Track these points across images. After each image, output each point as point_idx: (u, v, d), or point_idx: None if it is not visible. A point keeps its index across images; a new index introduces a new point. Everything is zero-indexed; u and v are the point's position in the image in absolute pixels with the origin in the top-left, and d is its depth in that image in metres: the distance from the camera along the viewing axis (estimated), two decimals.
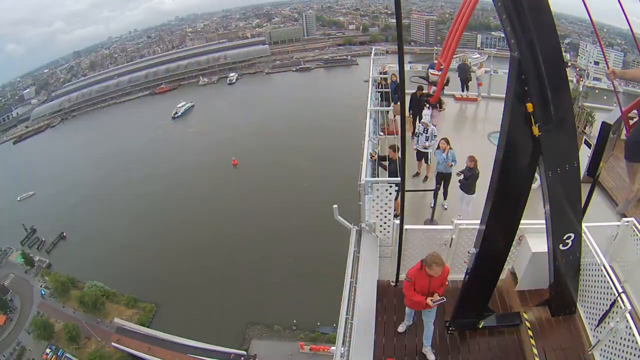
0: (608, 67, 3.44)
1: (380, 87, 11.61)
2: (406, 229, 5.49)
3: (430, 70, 12.54)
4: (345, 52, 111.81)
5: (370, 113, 9.40)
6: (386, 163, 7.70)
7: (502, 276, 5.61)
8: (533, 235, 5.27)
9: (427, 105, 10.98)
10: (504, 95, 3.90)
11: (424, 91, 11.43)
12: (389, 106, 10.85)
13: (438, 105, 11.27)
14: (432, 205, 8.35)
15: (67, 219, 54.70)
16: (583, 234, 4.77)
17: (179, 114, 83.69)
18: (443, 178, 8.30)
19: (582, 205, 4.51)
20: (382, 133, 10.30)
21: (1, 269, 50.01)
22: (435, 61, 13.91)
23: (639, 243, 5.44)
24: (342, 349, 4.31)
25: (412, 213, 8.23)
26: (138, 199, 56.54)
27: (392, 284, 6.11)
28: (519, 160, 4.06)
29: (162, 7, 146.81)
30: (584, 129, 11.04)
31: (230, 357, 36.66)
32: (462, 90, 14.14)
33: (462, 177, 7.74)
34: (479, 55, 16.25)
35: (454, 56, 12.47)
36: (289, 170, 58.22)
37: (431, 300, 4.56)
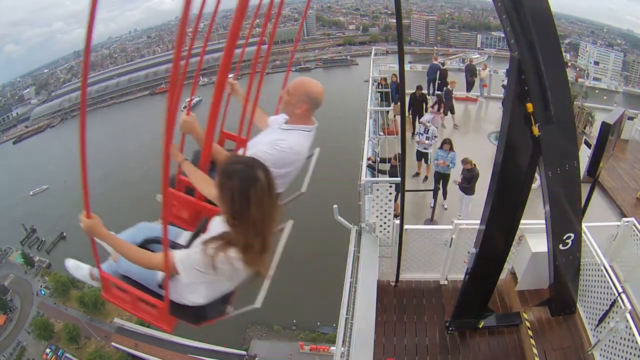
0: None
1: (380, 87, 11.60)
2: (406, 229, 5.48)
3: None
4: (345, 52, 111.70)
5: (370, 113, 9.41)
6: (387, 167, 7.70)
7: (502, 276, 5.61)
8: (533, 235, 5.26)
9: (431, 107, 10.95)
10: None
11: (422, 91, 11.42)
12: (389, 106, 10.85)
13: (441, 108, 11.18)
14: (432, 205, 8.35)
15: (67, 219, 54.62)
16: (583, 234, 4.77)
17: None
18: (442, 178, 8.30)
19: (582, 205, 4.51)
20: (382, 133, 10.31)
21: (1, 269, 49.83)
22: (435, 61, 13.93)
23: (639, 243, 5.45)
24: (342, 349, 4.30)
25: (412, 213, 8.24)
26: (139, 199, 56.45)
27: (392, 284, 6.10)
28: (519, 160, 4.06)
29: (162, 7, 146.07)
30: (584, 129, 11.06)
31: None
32: (468, 91, 14.11)
33: (460, 180, 7.73)
34: (478, 55, 16.26)
35: (456, 56, 12.46)
36: None
37: None
